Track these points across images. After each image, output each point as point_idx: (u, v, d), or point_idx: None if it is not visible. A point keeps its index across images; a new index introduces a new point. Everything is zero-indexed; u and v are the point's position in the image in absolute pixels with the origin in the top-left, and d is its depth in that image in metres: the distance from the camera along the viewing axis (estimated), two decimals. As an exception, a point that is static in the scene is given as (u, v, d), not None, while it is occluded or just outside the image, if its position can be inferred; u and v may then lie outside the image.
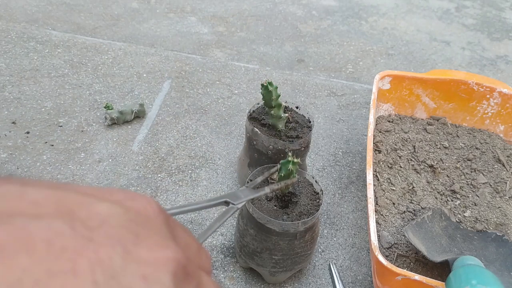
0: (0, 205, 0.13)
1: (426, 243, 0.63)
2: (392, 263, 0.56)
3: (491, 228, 0.70)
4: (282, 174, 0.58)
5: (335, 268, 0.56)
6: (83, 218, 0.14)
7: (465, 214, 0.73)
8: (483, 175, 0.79)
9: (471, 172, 0.80)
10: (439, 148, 0.84)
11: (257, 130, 0.68)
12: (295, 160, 0.56)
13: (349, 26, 1.50)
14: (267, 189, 0.52)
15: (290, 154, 0.56)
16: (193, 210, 0.42)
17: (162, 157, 0.87)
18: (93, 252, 0.13)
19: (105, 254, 0.13)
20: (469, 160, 0.82)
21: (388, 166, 0.79)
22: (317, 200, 0.63)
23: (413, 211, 0.72)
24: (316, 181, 0.65)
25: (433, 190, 0.77)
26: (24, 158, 0.82)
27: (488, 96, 0.88)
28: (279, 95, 0.67)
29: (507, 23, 1.66)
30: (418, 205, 0.73)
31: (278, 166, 0.58)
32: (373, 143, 0.81)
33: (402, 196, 0.75)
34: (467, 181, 0.78)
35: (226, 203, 0.46)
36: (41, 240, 0.12)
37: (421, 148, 0.84)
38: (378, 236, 0.66)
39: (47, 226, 0.13)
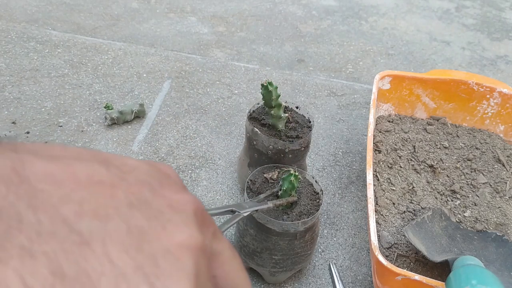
0: (48, 151, 0.15)
1: (426, 243, 0.63)
2: (392, 263, 0.56)
3: (491, 228, 0.70)
4: (285, 188, 0.59)
5: (335, 268, 0.56)
6: (117, 165, 0.16)
7: (465, 214, 0.73)
8: (483, 175, 0.79)
9: (471, 172, 0.80)
10: (439, 148, 0.84)
11: (257, 130, 0.68)
12: (296, 173, 0.58)
13: (349, 26, 1.50)
14: (270, 204, 0.56)
15: (291, 168, 0.58)
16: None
17: (162, 157, 0.87)
18: (127, 187, 0.15)
19: (137, 189, 0.15)
20: (469, 160, 0.82)
21: (388, 166, 0.79)
22: (317, 200, 0.63)
23: (413, 211, 0.72)
24: (316, 181, 0.65)
25: (433, 190, 0.77)
26: (24, 158, 0.82)
27: (488, 96, 0.88)
28: (279, 95, 0.67)
29: (507, 23, 1.66)
30: (418, 205, 0.73)
31: (280, 182, 0.61)
32: (373, 143, 0.81)
33: (402, 196, 0.75)
34: (467, 181, 0.78)
35: (232, 212, 0.49)
36: (84, 174, 0.14)
37: (421, 148, 0.84)
38: (378, 236, 0.66)
39: (87, 165, 0.15)
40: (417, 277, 0.54)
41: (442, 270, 0.63)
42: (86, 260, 0.12)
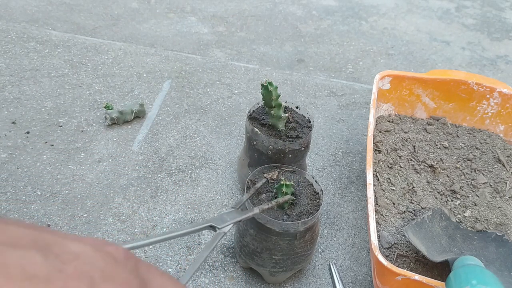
0: None
1: (426, 243, 0.63)
2: (392, 263, 0.56)
3: (491, 228, 0.70)
4: (279, 196, 0.59)
5: (335, 268, 0.56)
6: (57, 253, 0.15)
7: (465, 214, 0.73)
8: (483, 175, 0.79)
9: (471, 172, 0.80)
10: (439, 148, 0.84)
11: (257, 130, 0.68)
12: (288, 182, 0.58)
13: (349, 26, 1.50)
14: (256, 210, 0.52)
15: (282, 178, 0.58)
16: (177, 236, 0.42)
17: (162, 157, 0.87)
18: (63, 282, 0.14)
19: (73, 285, 0.14)
20: (469, 160, 0.82)
21: (388, 166, 0.79)
22: (317, 200, 0.63)
23: (413, 211, 0.72)
24: (316, 181, 0.65)
25: (433, 190, 0.77)
26: (24, 158, 0.82)
27: (488, 96, 0.88)
28: (279, 95, 0.67)
29: (507, 23, 1.66)
30: (418, 205, 0.73)
31: (274, 190, 0.61)
32: (373, 143, 0.81)
33: (402, 196, 0.74)
34: (467, 181, 0.78)
35: (212, 227, 0.46)
36: (16, 266, 0.13)
37: (421, 148, 0.84)
38: (378, 236, 0.66)
39: (22, 254, 0.14)
40: (417, 277, 0.54)
41: (442, 270, 0.63)
42: None
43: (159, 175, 0.83)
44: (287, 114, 0.71)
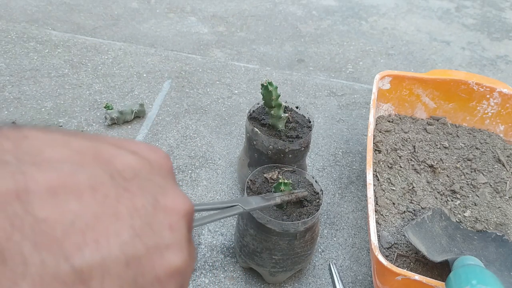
0: (47, 151, 0.14)
1: (426, 243, 0.63)
2: (392, 263, 0.56)
3: (491, 228, 0.70)
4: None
5: (335, 268, 0.56)
6: (119, 169, 0.15)
7: (465, 214, 0.73)
8: (483, 175, 0.79)
9: (471, 172, 0.80)
10: (439, 148, 0.84)
11: (257, 130, 0.68)
12: (286, 181, 0.58)
13: (349, 26, 1.50)
14: (278, 199, 0.54)
15: (281, 176, 0.58)
16: (208, 209, 0.43)
17: (162, 157, 0.87)
18: (130, 200, 0.15)
19: (139, 203, 0.15)
20: (469, 160, 0.82)
21: (388, 166, 0.79)
22: (317, 200, 0.63)
23: (413, 211, 0.72)
24: (316, 181, 0.65)
25: (433, 190, 0.77)
26: (24, 158, 0.82)
27: (488, 96, 0.88)
28: (279, 95, 0.67)
29: (507, 23, 1.66)
30: (418, 205, 0.73)
31: (273, 190, 0.60)
32: (373, 143, 0.81)
33: (402, 196, 0.75)
34: (467, 181, 0.78)
35: (237, 207, 0.47)
36: (87, 186, 0.14)
37: (421, 148, 0.84)
38: (378, 236, 0.66)
39: (91, 174, 0.14)
40: (417, 277, 0.54)
41: (442, 270, 0.63)
42: None
43: (159, 175, 0.83)
44: (287, 114, 0.71)
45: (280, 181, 0.58)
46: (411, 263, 0.64)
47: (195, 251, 0.18)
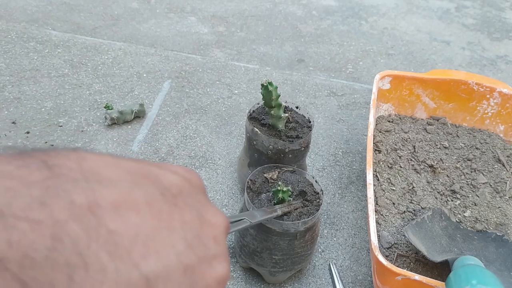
0: (105, 171, 0.15)
1: (426, 243, 0.63)
2: (392, 263, 0.56)
3: (491, 228, 0.70)
4: (276, 202, 0.59)
5: (335, 268, 0.56)
6: (167, 187, 0.17)
7: (465, 214, 0.73)
8: (483, 175, 0.79)
9: (471, 172, 0.80)
10: (439, 148, 0.84)
11: (257, 130, 0.68)
12: (285, 189, 0.59)
13: (349, 26, 1.50)
14: (279, 211, 0.57)
15: (280, 183, 0.59)
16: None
17: (162, 157, 0.87)
18: (179, 215, 0.16)
19: (188, 217, 0.17)
20: (469, 160, 0.82)
21: (388, 166, 0.79)
22: (317, 200, 0.63)
23: (413, 211, 0.72)
24: (316, 181, 0.65)
25: (433, 190, 0.77)
26: (24, 158, 0.82)
27: (488, 96, 0.88)
28: (279, 95, 0.67)
29: (507, 23, 1.66)
30: (418, 205, 0.73)
31: (271, 193, 0.62)
32: (373, 143, 0.81)
33: (402, 196, 0.75)
34: (467, 181, 0.78)
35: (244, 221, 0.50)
36: (144, 202, 0.15)
37: (421, 148, 0.84)
38: (378, 236, 0.66)
39: (145, 191, 0.16)
40: (417, 277, 0.54)
41: (442, 270, 0.63)
42: None
43: (159, 175, 0.83)
44: (287, 114, 0.71)
45: (279, 188, 0.58)
46: (411, 263, 0.64)
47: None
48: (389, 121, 0.90)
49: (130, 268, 0.14)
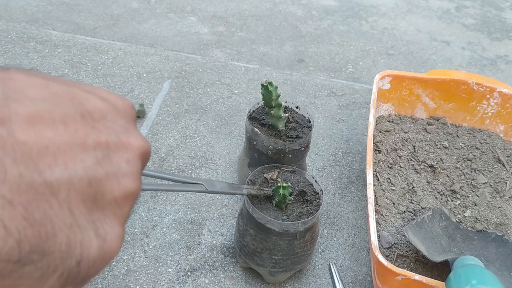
0: (29, 91, 0.17)
1: (426, 243, 0.63)
2: (392, 263, 0.56)
3: (491, 228, 0.70)
4: (277, 200, 0.59)
5: (335, 268, 0.56)
6: (89, 110, 0.18)
7: (465, 214, 0.73)
8: (483, 175, 0.79)
9: (471, 172, 0.80)
10: (439, 148, 0.84)
11: (257, 130, 0.68)
12: (285, 184, 0.58)
13: (349, 26, 1.50)
14: (244, 191, 0.55)
15: (279, 180, 0.59)
16: (170, 179, 0.44)
17: (162, 157, 0.87)
18: (96, 136, 0.17)
19: (104, 139, 0.18)
20: (469, 160, 0.82)
21: (388, 166, 0.79)
22: (317, 200, 0.63)
23: (413, 211, 0.72)
24: (316, 181, 0.65)
25: (433, 190, 0.77)
26: (24, 158, 0.82)
27: (488, 96, 0.88)
28: (279, 95, 0.67)
29: (507, 23, 1.66)
30: (418, 205, 0.73)
31: (271, 192, 0.61)
32: (373, 143, 0.81)
33: (402, 196, 0.75)
34: (467, 181, 0.78)
35: (203, 187, 0.48)
36: (61, 121, 0.16)
37: (421, 148, 0.84)
38: (378, 236, 0.66)
39: (65, 111, 0.17)
40: (417, 277, 0.54)
41: (442, 270, 0.63)
42: (51, 208, 0.15)
43: (159, 175, 0.83)
44: (287, 114, 0.71)
45: (279, 184, 0.58)
46: (411, 263, 0.64)
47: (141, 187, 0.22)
48: (389, 121, 0.90)
49: (33, 174, 0.15)
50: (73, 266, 0.17)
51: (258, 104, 0.74)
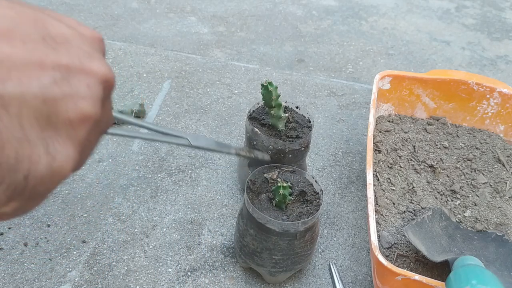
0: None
1: (426, 243, 0.63)
2: (392, 263, 0.56)
3: (491, 228, 0.70)
4: (277, 200, 0.59)
5: (335, 268, 0.56)
6: (52, 35, 0.18)
7: (465, 214, 0.73)
8: (483, 175, 0.79)
9: (471, 172, 0.80)
10: (439, 148, 0.84)
11: (257, 130, 0.68)
12: (285, 184, 0.58)
13: (349, 26, 1.50)
14: (232, 151, 0.53)
15: (279, 180, 0.59)
16: (155, 130, 0.43)
17: (162, 157, 0.87)
18: (56, 57, 0.17)
19: (64, 61, 0.18)
20: (469, 160, 0.82)
21: (388, 166, 0.79)
22: (317, 200, 0.63)
23: (413, 211, 0.72)
24: (316, 181, 0.65)
25: (433, 190, 0.77)
26: (24, 158, 0.82)
27: (488, 96, 0.88)
28: (279, 95, 0.67)
29: (507, 23, 1.66)
30: (418, 205, 0.73)
31: (272, 192, 0.60)
32: (373, 143, 0.81)
33: (402, 196, 0.75)
34: (467, 181, 0.78)
35: (187, 141, 0.46)
36: (20, 39, 0.16)
37: (421, 148, 0.84)
38: (378, 236, 0.66)
39: (26, 32, 0.17)
40: (417, 277, 0.54)
41: (442, 270, 0.63)
42: (1, 120, 0.15)
43: (159, 175, 0.83)
44: (287, 114, 0.71)
45: (279, 184, 0.58)
46: (411, 263, 0.64)
47: (111, 116, 0.22)
48: (389, 121, 0.90)
49: None
50: (20, 180, 0.16)
51: (258, 104, 0.74)
